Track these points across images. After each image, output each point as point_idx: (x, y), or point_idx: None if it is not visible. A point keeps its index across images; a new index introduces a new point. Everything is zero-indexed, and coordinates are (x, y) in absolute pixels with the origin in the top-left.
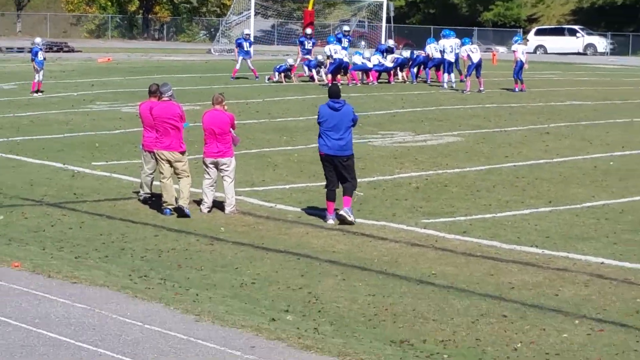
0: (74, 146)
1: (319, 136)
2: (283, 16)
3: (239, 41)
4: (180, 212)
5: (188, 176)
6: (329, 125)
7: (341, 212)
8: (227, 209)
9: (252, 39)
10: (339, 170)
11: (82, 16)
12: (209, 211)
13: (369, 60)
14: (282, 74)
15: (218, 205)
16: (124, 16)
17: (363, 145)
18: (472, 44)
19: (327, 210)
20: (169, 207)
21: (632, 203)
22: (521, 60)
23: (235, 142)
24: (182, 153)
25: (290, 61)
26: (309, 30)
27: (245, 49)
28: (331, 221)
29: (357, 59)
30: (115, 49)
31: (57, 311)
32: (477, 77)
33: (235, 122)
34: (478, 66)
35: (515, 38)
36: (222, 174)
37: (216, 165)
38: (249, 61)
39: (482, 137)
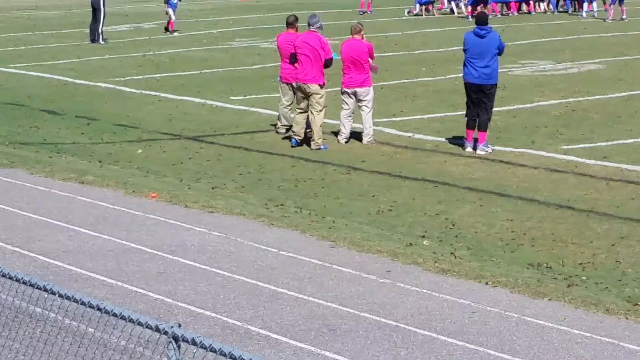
0: (213, 82)
1: (464, 64)
2: None
3: None
4: (315, 146)
5: (321, 111)
6: (474, 52)
7: (478, 151)
8: (365, 139)
9: None
10: (480, 98)
11: None
12: (346, 141)
13: None
14: (423, 7)
15: (356, 135)
16: None
17: (503, 74)
18: None
19: (466, 138)
20: (297, 137)
21: None
22: None
23: (374, 70)
24: (321, 86)
25: None
26: None
27: None
28: (469, 148)
29: None
30: None
31: (193, 239)
32: (620, 6)
33: (374, 51)
34: None
35: None
36: (360, 104)
37: (354, 95)
38: None
39: (624, 64)
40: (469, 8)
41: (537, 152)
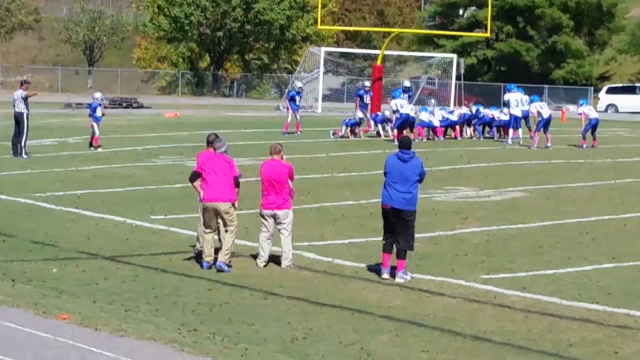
0: (134, 200)
1: (384, 187)
2: (354, 73)
3: (291, 94)
4: (218, 268)
5: (234, 230)
6: (395, 176)
7: (397, 279)
8: (284, 263)
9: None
10: (399, 224)
11: (154, 73)
12: (265, 265)
13: (433, 116)
14: (349, 129)
15: (275, 259)
16: (195, 73)
17: (426, 200)
18: (541, 101)
19: (382, 264)
20: (208, 260)
21: None
22: (596, 118)
23: (291, 195)
24: (232, 205)
25: (359, 115)
26: (367, 83)
27: (297, 102)
28: (385, 275)
29: (424, 116)
30: (184, 105)
31: None
32: (545, 133)
33: (294, 173)
34: (547, 123)
35: (581, 102)
36: (279, 227)
37: (274, 217)
38: (297, 115)
39: (547, 192)
40: (395, 131)
41: (456, 281)
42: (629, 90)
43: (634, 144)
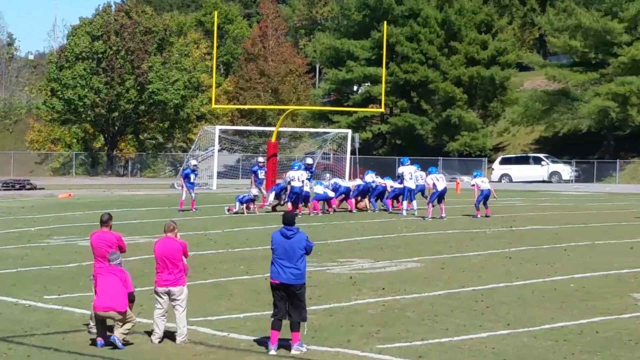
0: (27, 280)
1: (272, 263)
2: (249, 150)
3: (186, 172)
4: (112, 341)
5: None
6: (280, 252)
7: (293, 351)
8: (179, 339)
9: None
10: (290, 299)
11: (48, 154)
12: (159, 341)
13: (329, 189)
14: (244, 205)
15: (169, 335)
16: (89, 153)
17: (321, 272)
18: (438, 173)
19: (270, 340)
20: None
21: (591, 324)
22: (488, 189)
23: (185, 272)
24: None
25: (254, 192)
26: (261, 159)
27: (192, 180)
28: (273, 352)
29: (319, 189)
30: (79, 185)
31: None
32: (440, 204)
33: (187, 250)
34: (442, 194)
35: (475, 174)
36: (173, 304)
37: (168, 294)
38: (192, 193)
39: (442, 262)
40: (289, 204)
41: (352, 352)
42: (522, 160)
43: (528, 212)
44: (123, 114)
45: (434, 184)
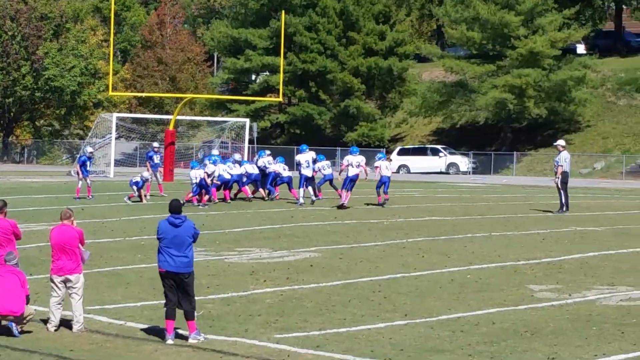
0: None
1: (159, 252)
2: (147, 138)
3: (82, 159)
4: (9, 327)
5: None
6: (168, 241)
7: (190, 340)
8: (75, 327)
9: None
10: (179, 287)
11: None
12: (56, 330)
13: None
14: (142, 192)
15: (66, 323)
16: None
17: (219, 261)
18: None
19: (166, 330)
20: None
21: (487, 315)
22: (386, 176)
23: (83, 259)
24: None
25: (146, 174)
26: (156, 144)
27: (88, 167)
28: (170, 341)
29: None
30: None
31: None
32: (346, 191)
33: (84, 237)
34: (331, 180)
35: (379, 155)
36: (70, 292)
37: (64, 282)
38: (88, 180)
39: (339, 252)
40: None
41: (250, 341)
42: (420, 151)
43: (425, 203)
44: (19, 100)
45: (319, 170)
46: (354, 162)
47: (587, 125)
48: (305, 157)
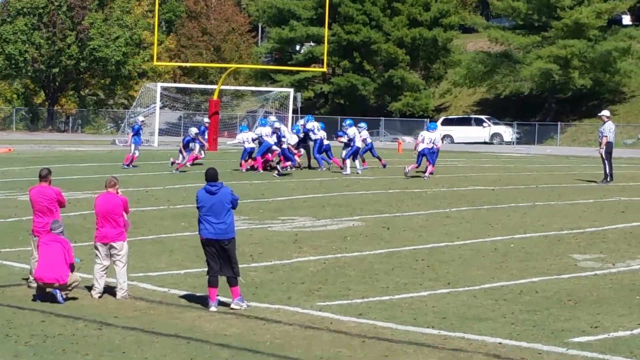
0: None
1: (199, 221)
2: (191, 108)
3: (136, 128)
4: (54, 294)
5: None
6: (207, 209)
7: (232, 306)
8: (119, 294)
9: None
10: (220, 254)
11: None
12: (100, 297)
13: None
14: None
15: (110, 290)
16: (29, 109)
17: (262, 230)
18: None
19: (209, 297)
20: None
21: (530, 284)
22: (426, 148)
23: (125, 227)
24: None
25: (194, 130)
26: (206, 120)
27: (141, 136)
28: (213, 308)
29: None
30: (19, 140)
31: None
32: (380, 161)
33: (128, 206)
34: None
35: (429, 126)
36: (114, 259)
37: (109, 249)
38: (137, 149)
39: (383, 221)
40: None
41: (292, 309)
42: (464, 121)
43: (469, 173)
44: (64, 70)
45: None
46: (427, 138)
47: (632, 95)
48: (353, 130)
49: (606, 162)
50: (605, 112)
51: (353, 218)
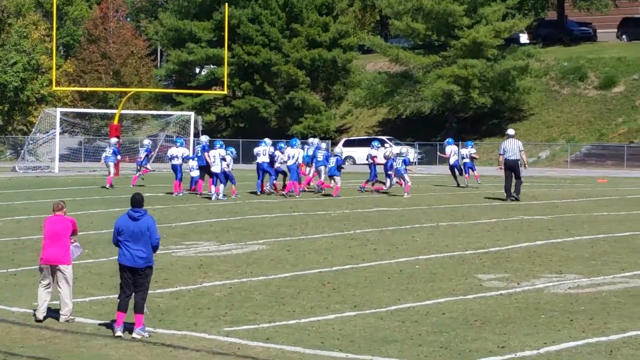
0: None
1: (120, 246)
2: (91, 132)
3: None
4: None
5: None
6: (127, 235)
7: (134, 335)
8: (62, 318)
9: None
10: (136, 281)
11: None
12: (44, 318)
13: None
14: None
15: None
16: None
17: (166, 255)
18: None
19: (116, 322)
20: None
21: (436, 305)
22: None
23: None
24: None
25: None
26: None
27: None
28: (119, 333)
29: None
30: None
31: None
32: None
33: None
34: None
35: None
36: (59, 281)
37: (53, 271)
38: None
39: (287, 244)
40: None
41: (199, 334)
42: (366, 142)
43: (372, 194)
44: None
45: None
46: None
47: (531, 114)
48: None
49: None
50: (510, 131)
51: (258, 242)
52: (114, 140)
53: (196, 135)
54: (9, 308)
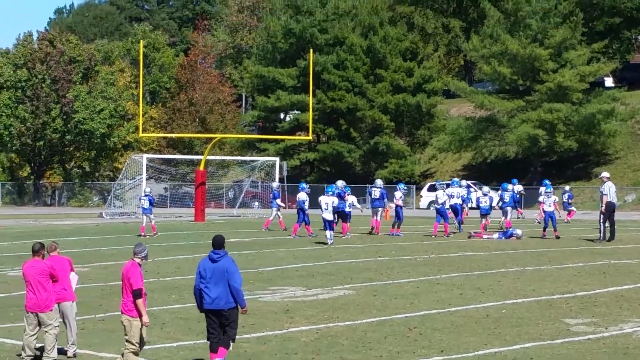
0: None
1: (202, 290)
2: (176, 179)
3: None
4: None
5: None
6: (206, 277)
7: None
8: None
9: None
10: (221, 322)
11: None
12: None
13: None
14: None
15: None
16: (15, 182)
17: (253, 300)
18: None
19: None
20: None
21: (524, 350)
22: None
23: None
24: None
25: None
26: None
27: (146, 206)
28: None
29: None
30: (5, 215)
31: None
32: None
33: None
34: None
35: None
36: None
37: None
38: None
39: (373, 289)
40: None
41: None
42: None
43: (460, 239)
44: (49, 143)
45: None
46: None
47: (616, 157)
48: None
49: (605, 222)
50: (605, 174)
51: (344, 287)
52: (148, 189)
53: (281, 180)
54: (97, 353)
